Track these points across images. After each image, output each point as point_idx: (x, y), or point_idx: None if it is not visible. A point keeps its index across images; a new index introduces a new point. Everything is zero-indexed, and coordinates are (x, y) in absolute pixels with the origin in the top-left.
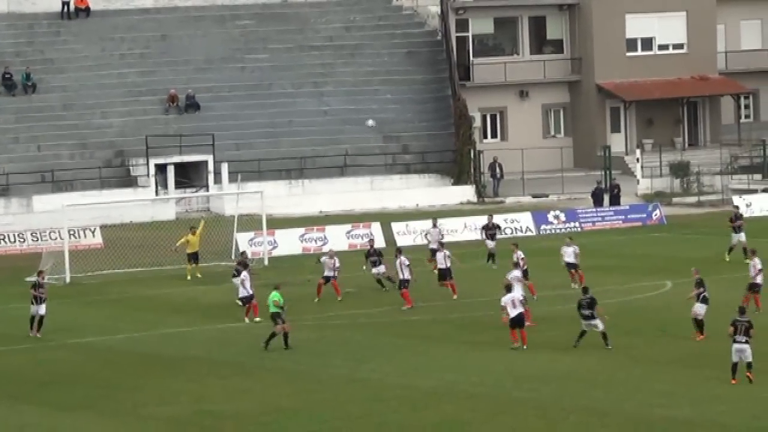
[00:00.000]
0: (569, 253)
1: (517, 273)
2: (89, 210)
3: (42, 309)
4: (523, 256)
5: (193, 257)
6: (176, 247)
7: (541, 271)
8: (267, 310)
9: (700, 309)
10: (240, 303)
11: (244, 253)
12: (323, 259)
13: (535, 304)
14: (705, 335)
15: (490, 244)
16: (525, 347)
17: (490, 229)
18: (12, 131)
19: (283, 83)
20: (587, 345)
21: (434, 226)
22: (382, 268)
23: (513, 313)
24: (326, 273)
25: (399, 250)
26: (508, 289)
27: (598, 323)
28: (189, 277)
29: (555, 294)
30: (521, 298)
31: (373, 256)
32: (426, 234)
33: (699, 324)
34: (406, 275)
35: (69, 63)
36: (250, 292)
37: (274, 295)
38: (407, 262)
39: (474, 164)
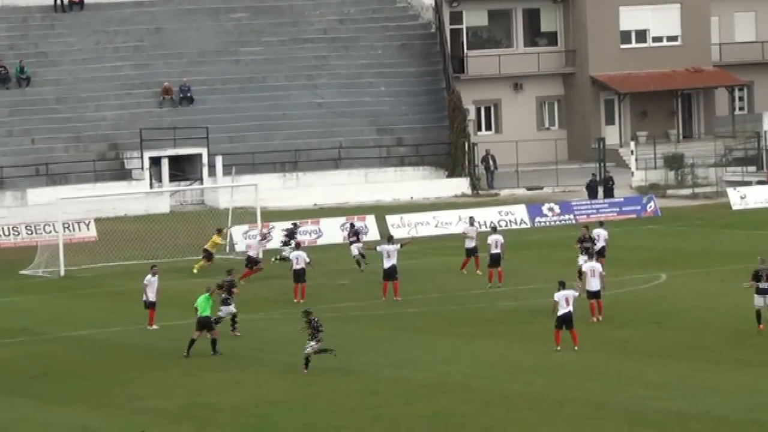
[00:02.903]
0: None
1: (595, 264)
2: (83, 203)
3: (231, 309)
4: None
5: (209, 255)
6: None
7: (536, 263)
8: (197, 313)
9: (758, 300)
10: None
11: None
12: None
13: (530, 297)
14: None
15: (583, 259)
16: (576, 348)
17: (585, 242)
18: (6, 124)
19: (277, 76)
20: (581, 337)
21: (471, 224)
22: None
23: (562, 311)
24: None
25: (390, 238)
26: (562, 285)
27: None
28: (195, 271)
29: (549, 286)
30: (575, 295)
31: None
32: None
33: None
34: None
35: (63, 56)
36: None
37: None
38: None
39: (468, 157)
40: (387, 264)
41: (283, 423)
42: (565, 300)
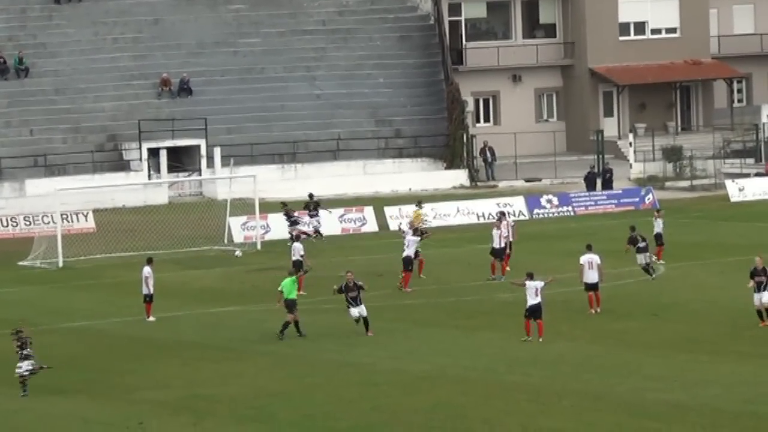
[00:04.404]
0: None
1: (592, 256)
2: (82, 194)
3: (361, 311)
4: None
5: (421, 231)
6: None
7: (534, 255)
8: (282, 295)
9: (757, 300)
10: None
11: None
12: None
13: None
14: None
15: (640, 258)
16: (540, 339)
17: (640, 242)
18: (4, 115)
19: (276, 67)
20: (580, 329)
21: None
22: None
23: (531, 302)
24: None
25: (416, 230)
26: (530, 276)
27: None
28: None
29: (558, 277)
30: (542, 285)
31: (291, 216)
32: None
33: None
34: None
35: (61, 47)
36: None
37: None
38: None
39: (467, 148)
40: (404, 253)
41: (282, 414)
42: (535, 291)
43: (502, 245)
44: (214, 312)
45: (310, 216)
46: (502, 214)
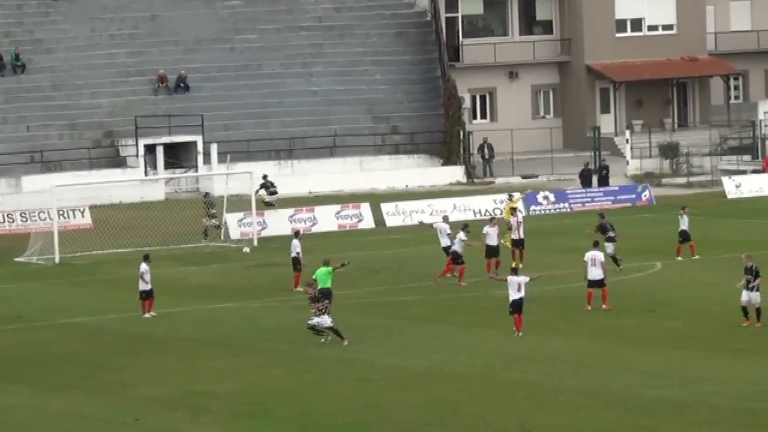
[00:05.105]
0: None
1: (596, 253)
2: (78, 190)
3: (322, 321)
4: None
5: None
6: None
7: (531, 252)
8: (316, 283)
9: (745, 297)
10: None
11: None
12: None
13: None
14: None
15: (610, 247)
16: (520, 334)
17: (610, 231)
18: (1, 111)
19: (273, 64)
20: (577, 325)
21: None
22: (215, 221)
23: (514, 296)
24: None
25: (465, 226)
26: (514, 271)
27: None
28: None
29: (545, 274)
30: (527, 280)
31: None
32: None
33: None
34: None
35: (58, 43)
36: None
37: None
38: (463, 237)
39: (463, 145)
40: (452, 248)
41: (278, 410)
42: (517, 286)
43: (497, 243)
44: (210, 308)
45: (269, 194)
46: (513, 210)
